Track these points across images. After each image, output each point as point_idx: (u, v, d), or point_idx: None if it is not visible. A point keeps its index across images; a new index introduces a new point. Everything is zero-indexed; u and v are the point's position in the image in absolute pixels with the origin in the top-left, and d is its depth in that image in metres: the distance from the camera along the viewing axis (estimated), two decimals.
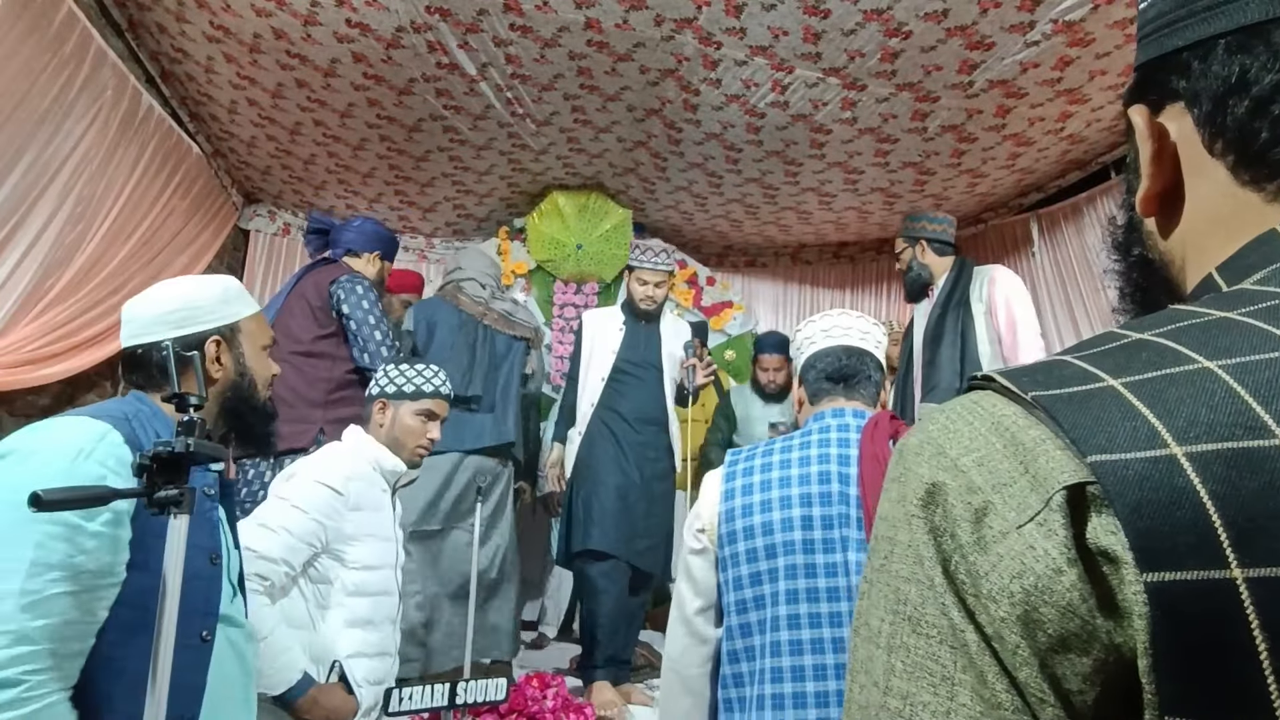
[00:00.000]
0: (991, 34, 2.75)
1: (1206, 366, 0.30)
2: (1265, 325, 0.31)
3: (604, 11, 2.77)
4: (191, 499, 1.04)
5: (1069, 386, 0.32)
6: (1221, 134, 0.38)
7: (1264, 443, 0.28)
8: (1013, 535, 0.30)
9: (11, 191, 2.32)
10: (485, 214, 4.58)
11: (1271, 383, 0.29)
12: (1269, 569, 0.26)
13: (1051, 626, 0.29)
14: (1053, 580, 0.29)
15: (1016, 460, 0.31)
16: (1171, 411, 0.29)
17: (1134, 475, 0.29)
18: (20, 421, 2.62)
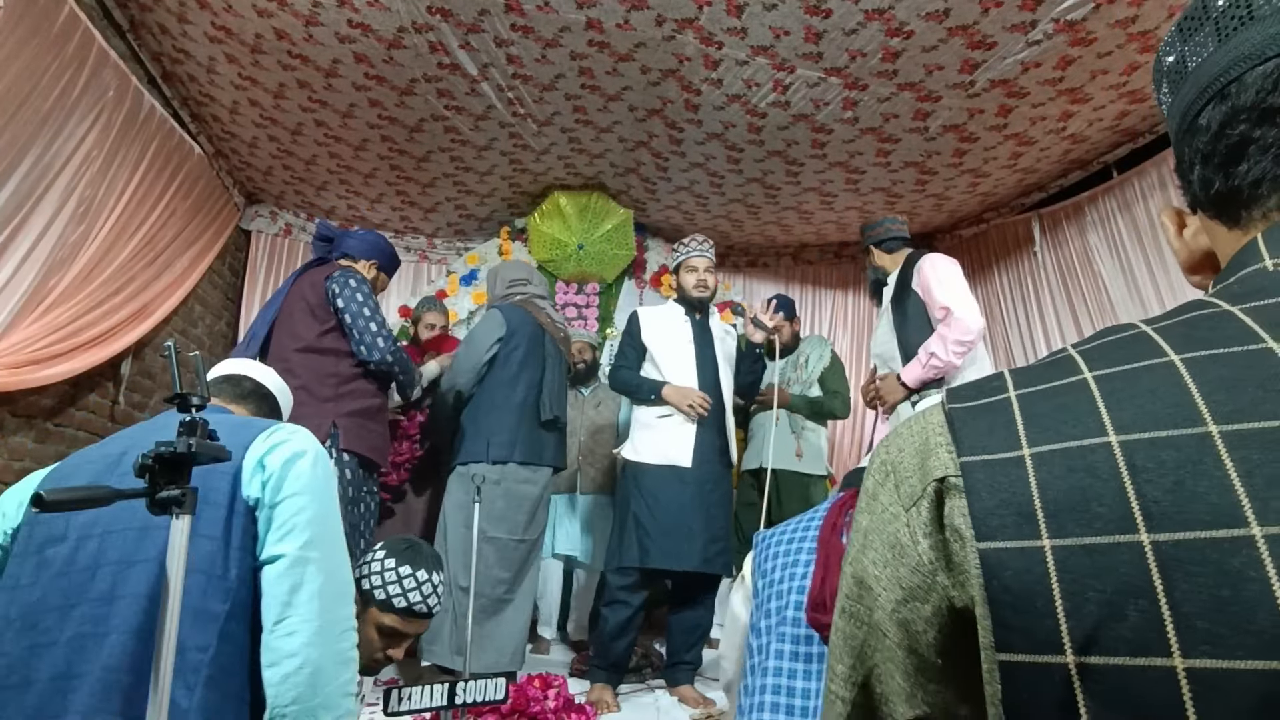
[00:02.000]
0: (993, 33, 2.75)
1: (1084, 378, 0.38)
2: (1158, 339, 0.38)
3: (605, 12, 2.77)
4: (193, 499, 1.04)
5: (982, 399, 0.41)
6: (1194, 201, 0.48)
7: (1090, 441, 0.35)
8: (901, 517, 0.41)
9: (14, 192, 2.33)
10: (487, 214, 4.58)
11: (1125, 389, 0.36)
12: (1070, 539, 0.34)
13: (905, 580, 0.40)
14: (911, 548, 0.40)
15: (919, 458, 0.41)
16: (1035, 419, 0.38)
17: (988, 471, 0.37)
18: (23, 422, 2.63)
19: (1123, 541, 0.32)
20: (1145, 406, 0.35)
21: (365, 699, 2.59)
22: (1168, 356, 0.36)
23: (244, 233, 4.45)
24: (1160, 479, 0.32)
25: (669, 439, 2.85)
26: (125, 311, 3.04)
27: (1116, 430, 0.34)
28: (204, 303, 3.99)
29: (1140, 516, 0.32)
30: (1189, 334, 0.37)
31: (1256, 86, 0.42)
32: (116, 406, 3.22)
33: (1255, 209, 0.43)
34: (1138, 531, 0.32)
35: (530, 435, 2.89)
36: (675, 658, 2.89)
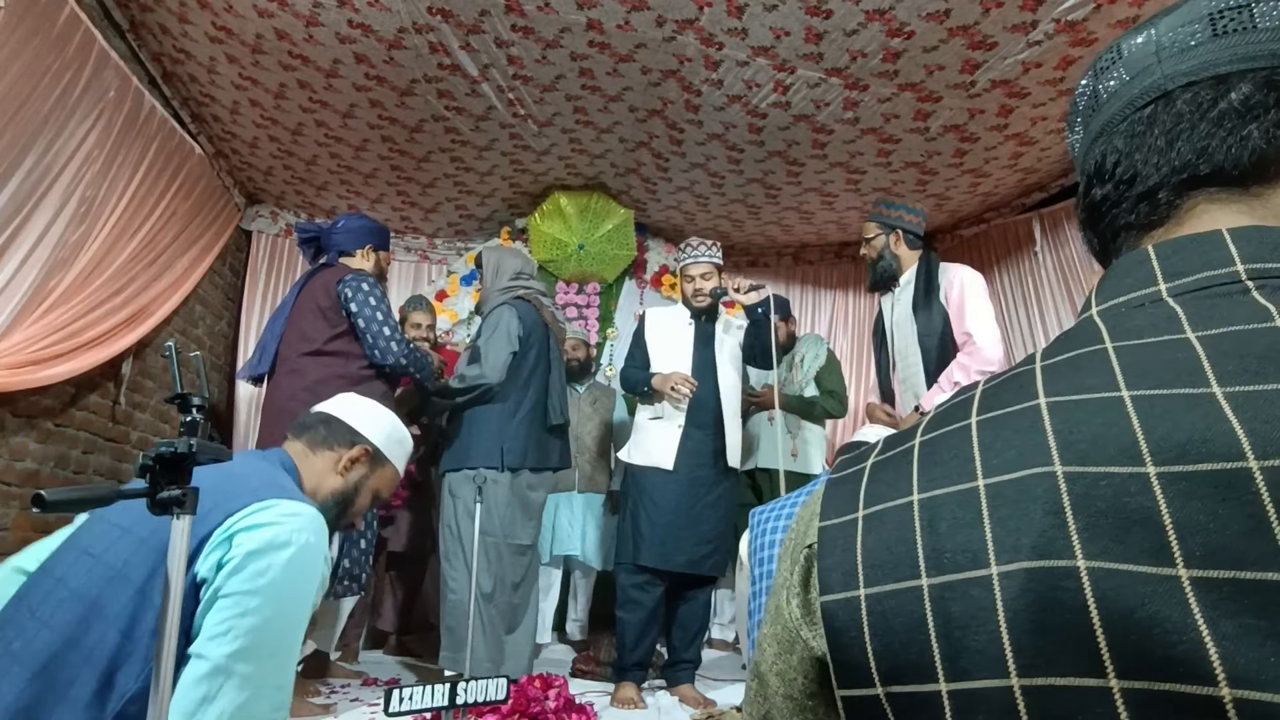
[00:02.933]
0: (994, 34, 2.75)
1: (911, 445, 0.43)
2: (974, 404, 0.42)
3: (606, 12, 2.77)
4: (194, 500, 1.04)
5: (849, 468, 0.46)
6: (1085, 234, 0.53)
7: (900, 501, 0.40)
8: (785, 580, 0.45)
9: (15, 192, 2.33)
10: (487, 214, 4.58)
11: (931, 455, 0.41)
12: (879, 587, 0.39)
13: (780, 637, 0.45)
14: (785, 606, 0.45)
15: (804, 528, 0.46)
16: (873, 484, 0.43)
17: (832, 534, 0.43)
18: (24, 422, 2.63)
19: (909, 587, 0.37)
20: (942, 469, 0.40)
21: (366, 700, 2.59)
22: (968, 420, 0.41)
23: (245, 233, 4.45)
24: (938, 531, 0.38)
25: (655, 441, 2.88)
26: (126, 312, 3.04)
27: (920, 490, 0.40)
28: (205, 303, 3.99)
29: (923, 563, 0.37)
30: (992, 395, 0.42)
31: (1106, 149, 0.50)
32: (117, 407, 3.22)
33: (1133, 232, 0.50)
34: (920, 577, 0.37)
35: (540, 440, 2.87)
36: (675, 657, 2.89)
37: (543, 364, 2.93)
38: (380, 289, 2.68)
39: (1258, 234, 0.41)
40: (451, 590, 2.72)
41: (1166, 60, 0.46)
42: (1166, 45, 0.46)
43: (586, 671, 3.27)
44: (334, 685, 2.91)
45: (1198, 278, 0.41)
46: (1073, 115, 0.54)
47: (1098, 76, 0.50)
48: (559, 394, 2.96)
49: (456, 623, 2.68)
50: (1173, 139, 0.45)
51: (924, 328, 2.59)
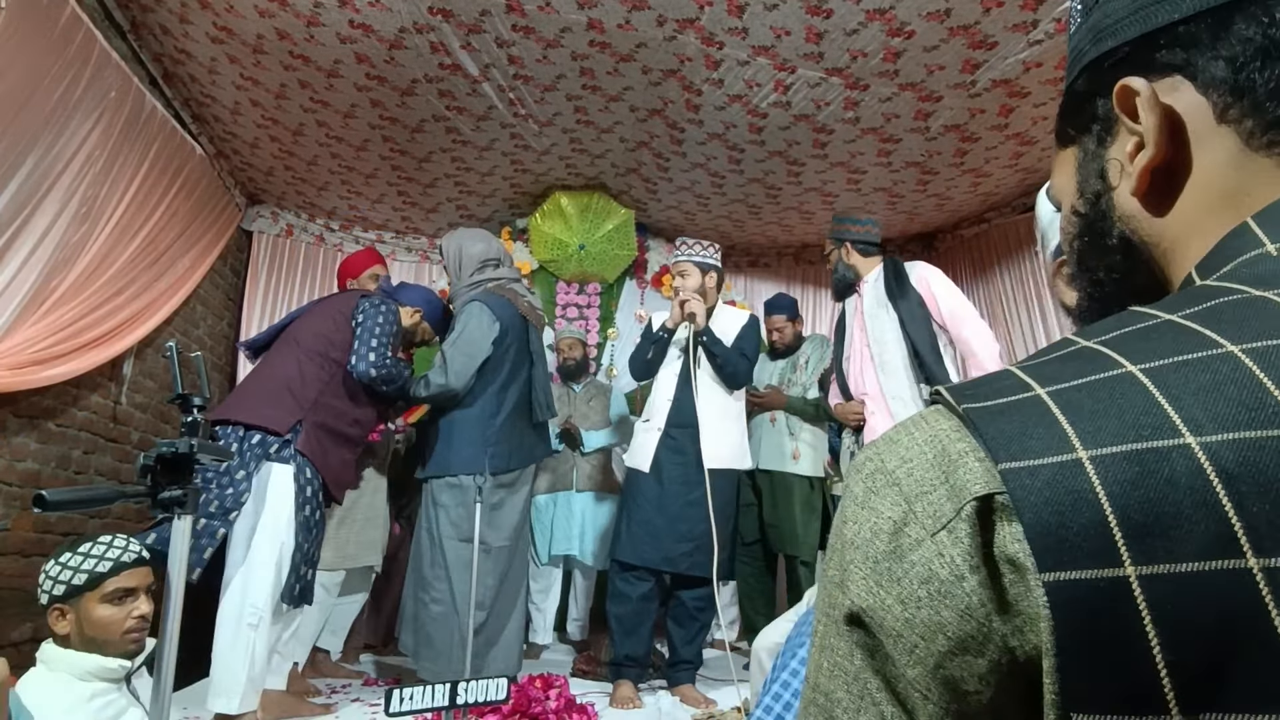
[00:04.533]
0: (994, 33, 2.75)
1: (1129, 371, 0.31)
2: (1200, 328, 0.32)
3: (606, 12, 2.77)
4: (195, 499, 1.04)
5: (1000, 398, 0.33)
6: (1241, 99, 0.37)
7: (1167, 442, 0.29)
8: (926, 543, 0.32)
9: (16, 193, 2.33)
10: (488, 214, 4.58)
11: (1186, 384, 0.30)
12: (1161, 565, 0.27)
13: (951, 629, 0.31)
14: (954, 585, 0.31)
15: (940, 470, 0.33)
16: (1085, 417, 0.30)
17: (1039, 481, 0.30)
18: (25, 422, 2.63)
19: (1228, 568, 0.26)
20: (1221, 404, 0.29)
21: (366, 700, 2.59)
22: (1225, 347, 0.30)
23: (245, 233, 4.45)
24: (1260, 489, 0.27)
25: (640, 444, 2.95)
26: (127, 312, 3.05)
27: (1192, 431, 0.28)
28: (205, 303, 3.99)
29: (1244, 537, 0.27)
30: (1239, 321, 0.31)
31: None
32: (119, 407, 3.22)
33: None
34: (1244, 556, 0.26)
35: (524, 439, 2.84)
36: (675, 657, 2.90)
37: (523, 360, 2.84)
38: (396, 315, 2.68)
39: None
40: (434, 600, 2.64)
41: None
42: None
43: (587, 672, 3.27)
44: (334, 685, 2.91)
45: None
46: None
47: None
48: (543, 389, 2.90)
49: (437, 632, 2.61)
50: None
51: (905, 313, 2.70)
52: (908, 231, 4.86)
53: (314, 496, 2.43)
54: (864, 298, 2.86)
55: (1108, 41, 0.43)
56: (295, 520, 2.33)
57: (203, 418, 1.15)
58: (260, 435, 2.35)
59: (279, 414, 2.39)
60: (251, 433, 2.35)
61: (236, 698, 2.16)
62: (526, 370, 2.87)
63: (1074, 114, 0.46)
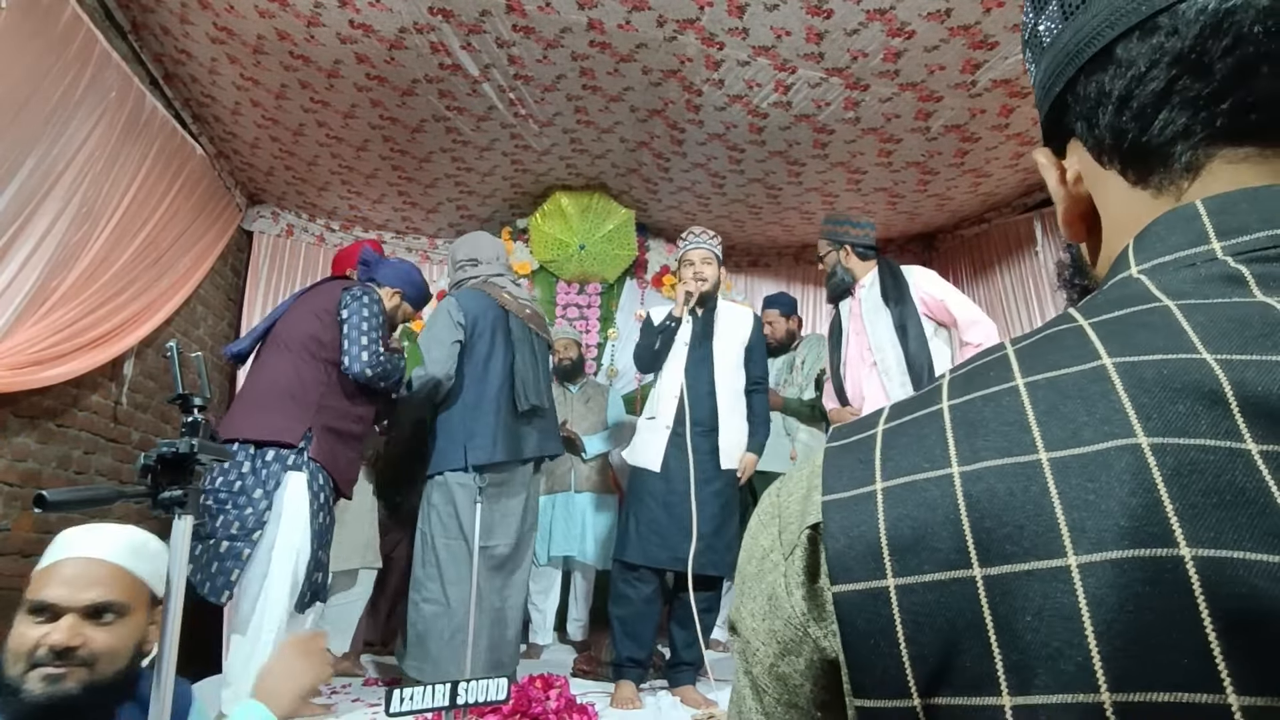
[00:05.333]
0: (995, 33, 2.75)
1: (942, 407, 0.36)
2: (1013, 361, 0.36)
3: (606, 12, 2.77)
4: (196, 500, 1.04)
5: (854, 435, 0.39)
6: (1101, 143, 0.43)
7: (937, 473, 0.33)
8: (780, 565, 0.38)
9: (17, 193, 2.33)
10: (488, 214, 4.58)
11: (974, 418, 0.34)
12: (912, 576, 0.32)
13: (779, 634, 0.38)
14: (786, 599, 0.37)
15: (802, 504, 0.39)
16: (893, 453, 0.36)
17: (841, 511, 0.35)
18: (26, 423, 2.63)
19: (957, 577, 0.31)
20: (988, 439, 0.33)
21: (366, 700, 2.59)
22: (1015, 380, 0.35)
23: (246, 233, 4.45)
24: (990, 511, 0.31)
25: (647, 442, 2.89)
26: (128, 312, 3.05)
27: (959, 462, 0.33)
28: (206, 303, 3.99)
29: (973, 550, 0.31)
30: (1035, 355, 0.36)
31: (1197, 27, 0.37)
32: (119, 407, 3.23)
33: (1162, 171, 0.40)
34: (971, 566, 0.31)
35: (510, 430, 2.74)
36: (676, 658, 2.89)
37: (500, 350, 2.77)
38: (380, 305, 2.62)
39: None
40: (424, 599, 2.63)
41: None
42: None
43: (588, 672, 3.27)
44: (334, 685, 2.91)
45: (1256, 236, 0.36)
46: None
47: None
48: (527, 377, 2.79)
49: (426, 631, 2.59)
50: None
51: (900, 318, 2.71)
52: (908, 231, 4.85)
53: (326, 501, 2.44)
54: (861, 301, 2.86)
55: (1040, 108, 0.49)
56: (311, 529, 2.33)
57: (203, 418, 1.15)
58: (274, 451, 2.34)
59: (288, 424, 2.38)
60: (265, 449, 2.34)
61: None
62: (505, 359, 2.79)
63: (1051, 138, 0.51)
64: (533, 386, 2.80)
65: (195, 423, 1.10)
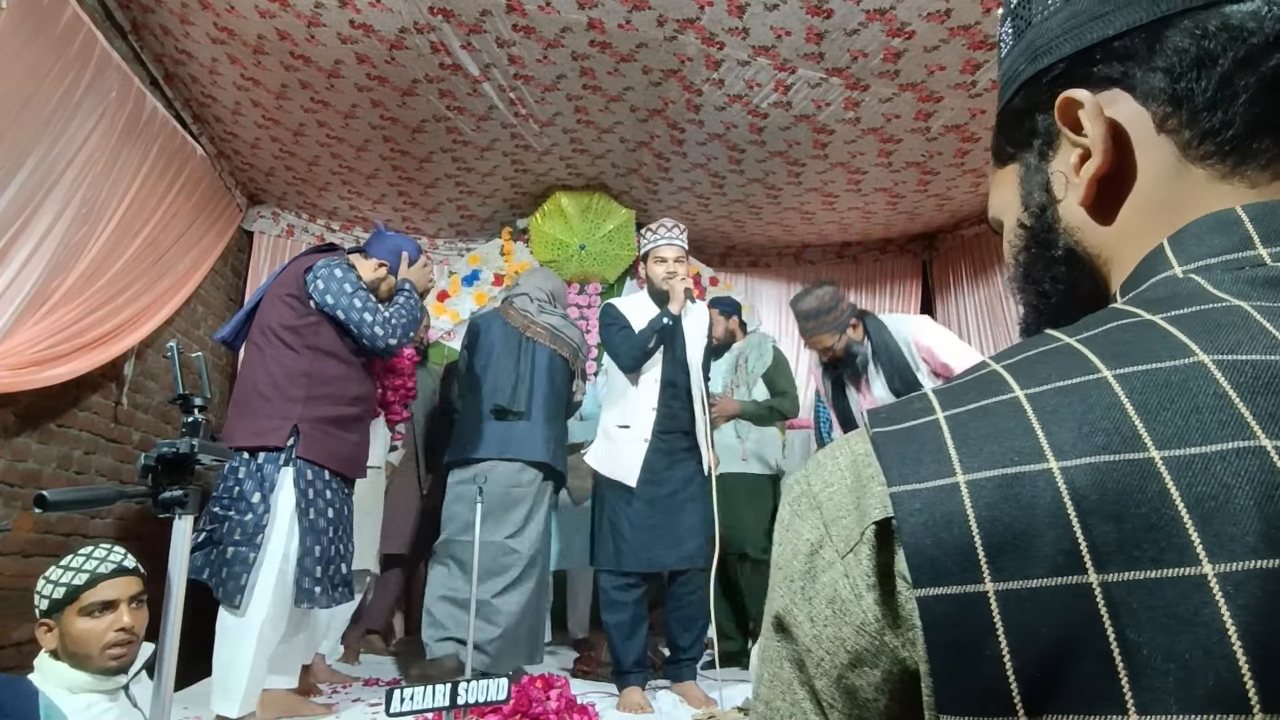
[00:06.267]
0: (995, 33, 2.74)
1: (1016, 397, 0.33)
2: (1087, 353, 0.34)
3: (607, 12, 2.78)
4: (196, 500, 1.04)
5: (906, 421, 0.36)
6: (1179, 108, 0.38)
7: (1032, 467, 0.31)
8: (837, 564, 0.35)
9: (17, 193, 2.33)
10: (488, 215, 4.58)
11: (1060, 410, 0.32)
12: (1015, 582, 0.30)
13: (849, 643, 0.34)
14: (854, 603, 0.34)
15: (854, 495, 0.35)
16: (970, 442, 0.33)
17: (919, 504, 0.32)
18: (26, 423, 2.63)
19: (1071, 584, 0.29)
20: (1083, 429, 0.31)
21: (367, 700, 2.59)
22: (1101, 373, 0.32)
23: (246, 234, 4.45)
24: (1103, 511, 0.29)
25: (619, 454, 2.83)
26: (128, 312, 3.05)
27: (1055, 456, 0.31)
28: (206, 304, 3.99)
29: (1088, 554, 0.29)
30: (1113, 346, 0.34)
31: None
32: (119, 407, 3.23)
33: (1236, 157, 0.38)
34: (1085, 572, 0.29)
35: (489, 433, 2.91)
36: (675, 654, 2.89)
37: (499, 362, 3.00)
38: (353, 270, 2.49)
39: None
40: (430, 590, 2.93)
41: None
42: None
43: (588, 672, 3.27)
44: (335, 685, 2.91)
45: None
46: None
47: None
48: (510, 383, 2.96)
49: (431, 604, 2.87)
50: None
51: (891, 374, 2.76)
52: (908, 231, 4.85)
53: (318, 497, 2.38)
54: (870, 365, 2.87)
55: (1044, 59, 0.43)
56: (300, 525, 2.30)
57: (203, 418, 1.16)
58: (265, 454, 2.30)
59: (272, 425, 2.32)
60: (257, 453, 2.31)
61: (237, 701, 2.16)
62: (494, 366, 3.00)
63: (1013, 131, 0.47)
64: (513, 391, 2.96)
65: (196, 423, 1.10)
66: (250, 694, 2.20)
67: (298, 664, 2.50)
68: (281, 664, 2.40)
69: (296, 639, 2.43)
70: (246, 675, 2.17)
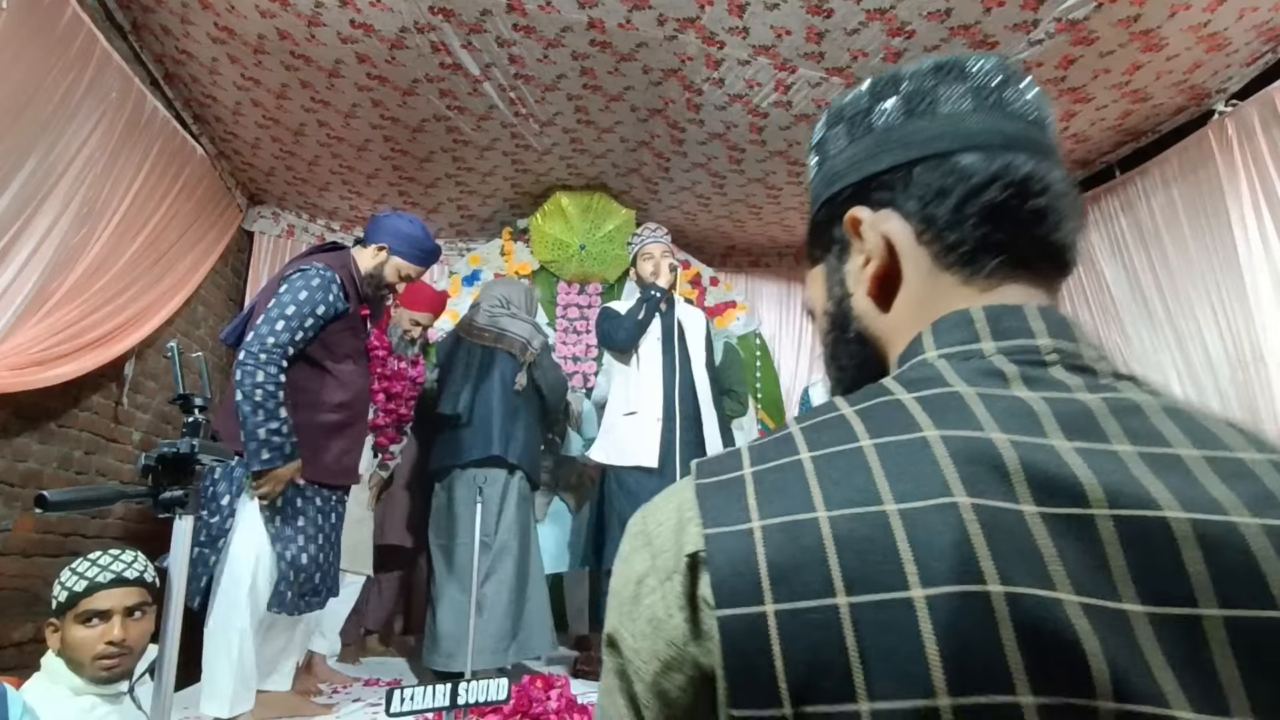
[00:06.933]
0: (995, 33, 2.75)
1: (800, 459, 0.43)
2: (853, 424, 0.44)
3: (607, 11, 2.77)
4: (196, 500, 1.04)
5: (722, 475, 0.45)
6: (929, 227, 0.51)
7: (807, 515, 0.40)
8: (657, 590, 0.43)
9: (17, 193, 2.33)
10: (489, 215, 4.58)
11: (829, 469, 0.41)
12: (787, 603, 0.38)
13: (661, 654, 0.42)
14: (667, 621, 0.42)
15: (675, 534, 0.43)
16: (764, 495, 0.42)
17: (725, 543, 0.41)
18: (27, 423, 2.64)
19: (826, 604, 0.37)
20: (843, 489, 0.40)
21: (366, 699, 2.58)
22: (860, 442, 0.42)
23: (247, 234, 4.46)
24: (852, 550, 0.38)
25: (633, 438, 2.81)
26: (128, 313, 3.05)
27: (824, 507, 0.40)
28: (207, 304, 3.99)
29: (840, 580, 0.38)
30: (873, 418, 0.44)
31: (1025, 170, 0.49)
32: (120, 408, 3.23)
33: (971, 268, 0.50)
34: (836, 595, 0.37)
35: (451, 441, 3.05)
36: None
37: (454, 375, 3.15)
38: (322, 281, 2.33)
39: (1055, 315, 0.48)
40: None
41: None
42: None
43: (588, 672, 3.27)
44: (335, 685, 2.91)
45: (1015, 344, 0.46)
46: (943, 74, 0.53)
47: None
48: (455, 389, 3.09)
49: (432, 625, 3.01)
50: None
51: None
52: None
53: (287, 504, 2.29)
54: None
55: (836, 185, 0.56)
56: (268, 530, 2.25)
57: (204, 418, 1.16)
58: (239, 458, 2.22)
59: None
60: (234, 457, 2.21)
61: (227, 701, 2.16)
62: (457, 381, 3.15)
63: (818, 239, 0.59)
64: (454, 402, 3.08)
65: (196, 423, 1.10)
66: (240, 694, 2.18)
67: (289, 665, 2.49)
68: (271, 665, 2.39)
69: (278, 641, 2.41)
70: (228, 675, 2.15)
